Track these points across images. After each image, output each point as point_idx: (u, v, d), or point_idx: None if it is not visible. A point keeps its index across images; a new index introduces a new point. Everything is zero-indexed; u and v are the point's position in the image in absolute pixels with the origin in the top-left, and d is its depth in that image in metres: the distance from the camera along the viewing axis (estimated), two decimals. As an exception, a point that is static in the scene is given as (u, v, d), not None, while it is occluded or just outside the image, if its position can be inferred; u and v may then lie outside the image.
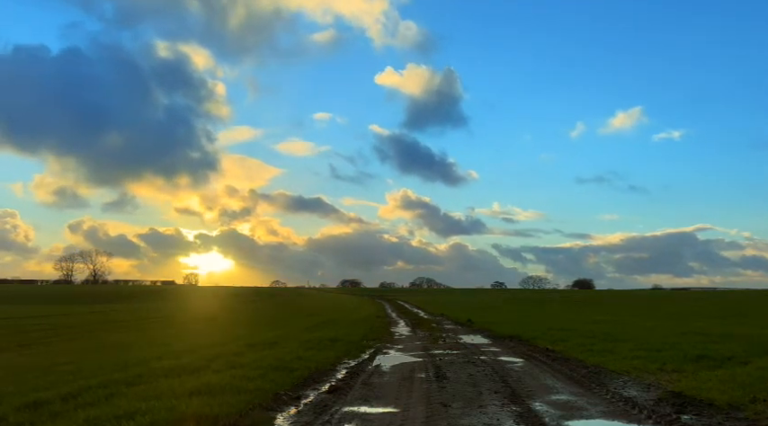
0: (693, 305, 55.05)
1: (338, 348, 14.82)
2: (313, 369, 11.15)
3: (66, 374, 11.02)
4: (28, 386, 9.57)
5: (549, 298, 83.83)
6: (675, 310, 43.28)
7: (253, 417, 7.14)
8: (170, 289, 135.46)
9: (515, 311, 41.58)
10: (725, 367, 10.86)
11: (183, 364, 11.22)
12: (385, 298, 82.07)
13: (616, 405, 7.98)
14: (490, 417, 7.31)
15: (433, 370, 11.44)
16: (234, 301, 77.43)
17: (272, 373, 10.14)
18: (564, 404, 8.10)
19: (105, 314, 44.29)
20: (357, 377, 10.71)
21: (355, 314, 36.66)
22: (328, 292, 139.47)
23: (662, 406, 7.81)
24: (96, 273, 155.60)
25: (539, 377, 10.66)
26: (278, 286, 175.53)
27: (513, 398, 8.50)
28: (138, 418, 6.62)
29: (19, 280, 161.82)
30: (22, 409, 7.44)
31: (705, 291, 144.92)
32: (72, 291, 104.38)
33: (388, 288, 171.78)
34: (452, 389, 9.32)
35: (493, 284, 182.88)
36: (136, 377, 9.82)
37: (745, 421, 6.97)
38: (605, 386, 9.40)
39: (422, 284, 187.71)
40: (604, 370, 11.15)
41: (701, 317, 31.34)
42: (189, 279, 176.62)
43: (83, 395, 8.26)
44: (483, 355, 14.09)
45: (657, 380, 9.83)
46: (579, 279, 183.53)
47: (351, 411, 7.77)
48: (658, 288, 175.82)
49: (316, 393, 9.10)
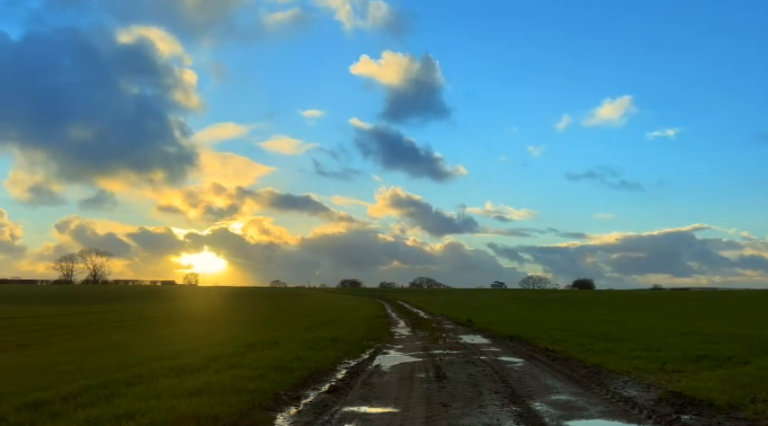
0: (693, 305, 55.07)
1: (338, 348, 14.82)
2: (313, 369, 11.15)
3: (66, 374, 11.01)
4: (28, 386, 9.56)
5: (548, 298, 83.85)
6: (675, 310, 43.29)
7: (253, 417, 7.14)
8: (170, 289, 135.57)
9: (515, 311, 41.57)
10: (725, 367, 10.85)
11: (183, 364, 11.21)
12: (385, 298, 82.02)
13: (616, 405, 7.98)
14: (490, 417, 7.31)
15: (433, 370, 11.43)
16: (233, 301, 77.44)
17: (272, 373, 10.13)
18: (564, 404, 8.10)
19: (105, 314, 44.29)
20: (357, 377, 10.70)
21: (355, 314, 36.66)
22: (328, 292, 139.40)
23: (662, 406, 7.81)
24: (96, 273, 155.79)
25: (539, 377, 10.65)
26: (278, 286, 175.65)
27: (513, 398, 8.50)
28: (138, 418, 6.61)
29: (18, 280, 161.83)
30: (22, 409, 7.44)
31: (705, 291, 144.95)
32: (72, 291, 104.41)
33: (388, 288, 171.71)
34: (452, 389, 9.32)
35: (493, 284, 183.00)
36: (136, 377, 9.82)
37: (745, 421, 6.97)
38: (605, 386, 9.39)
39: (422, 284, 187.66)
40: (604, 370, 11.15)
41: (701, 317, 31.36)
42: (189, 280, 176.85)
43: (83, 395, 8.26)
44: (483, 355, 14.09)
45: (657, 380, 9.83)
46: (579, 279, 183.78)
47: (351, 411, 7.77)
48: (658, 288, 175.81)
49: (316, 393, 9.10)
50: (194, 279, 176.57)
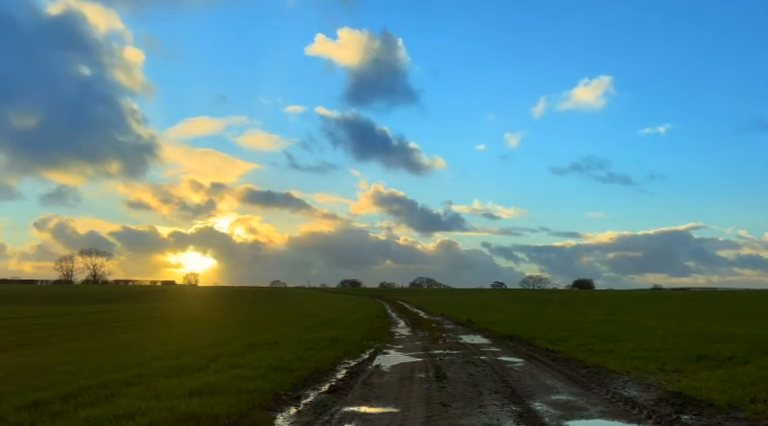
0: (693, 304, 55.06)
1: (338, 348, 14.82)
2: (313, 369, 11.15)
3: (67, 374, 11.01)
4: (28, 386, 9.56)
5: (548, 298, 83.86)
6: (675, 310, 43.29)
7: (253, 417, 7.14)
8: (169, 289, 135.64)
9: (515, 311, 41.56)
10: (725, 367, 10.86)
11: (183, 364, 11.22)
12: (385, 298, 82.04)
13: (616, 405, 7.98)
14: (490, 417, 7.31)
15: (433, 370, 11.43)
16: (233, 301, 77.44)
17: (272, 373, 10.13)
18: (564, 404, 8.10)
19: (105, 314, 44.29)
20: (357, 376, 10.70)
21: (355, 314, 36.65)
22: (328, 292, 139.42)
23: (662, 406, 7.81)
24: (96, 273, 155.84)
25: (539, 377, 10.65)
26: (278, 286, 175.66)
27: (513, 398, 8.50)
28: (138, 418, 6.61)
29: (18, 280, 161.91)
30: (22, 409, 7.43)
31: (705, 291, 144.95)
32: (72, 291, 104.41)
33: (388, 288, 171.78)
34: (452, 389, 9.32)
35: (493, 284, 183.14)
36: (136, 377, 9.81)
37: (745, 421, 6.97)
38: (605, 386, 9.39)
39: (422, 284, 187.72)
40: (604, 370, 11.15)
41: (700, 317, 31.34)
42: (188, 280, 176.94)
43: (83, 395, 8.25)
44: (483, 355, 14.09)
45: (657, 380, 9.83)
46: (578, 279, 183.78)
47: (351, 411, 7.77)
48: (658, 288, 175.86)
49: (316, 393, 9.10)
50: (194, 279, 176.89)
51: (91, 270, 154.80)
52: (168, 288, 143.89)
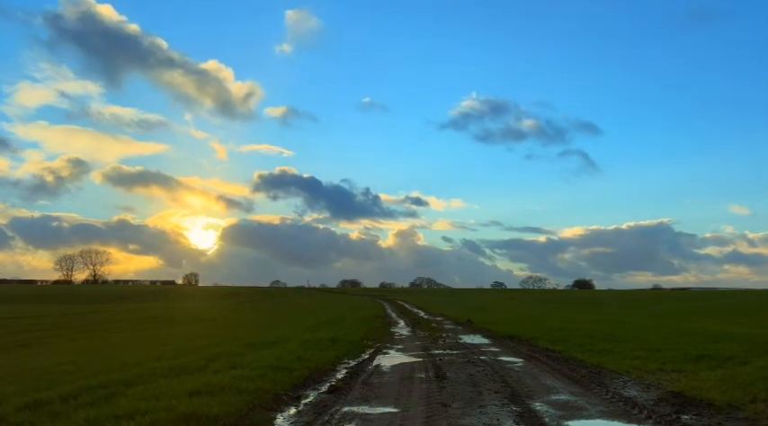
0: (692, 304, 55.07)
1: (338, 348, 14.82)
2: (313, 369, 11.15)
3: (67, 374, 11.00)
4: (28, 386, 9.56)
5: (548, 298, 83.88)
6: (675, 310, 43.31)
7: (253, 417, 7.14)
8: (169, 290, 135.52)
9: (515, 311, 41.58)
10: (725, 367, 10.86)
11: (183, 364, 11.21)
12: (385, 298, 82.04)
13: (616, 405, 7.98)
14: (490, 417, 7.31)
15: (433, 370, 11.43)
16: (233, 301, 77.46)
17: (272, 373, 10.13)
18: (564, 404, 8.10)
19: (105, 314, 44.30)
20: (357, 376, 10.70)
21: (355, 314, 36.64)
22: (328, 292, 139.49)
23: (662, 406, 7.82)
24: (96, 273, 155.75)
25: (539, 376, 10.65)
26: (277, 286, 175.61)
27: (513, 398, 8.50)
28: (138, 418, 6.61)
29: (18, 280, 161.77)
30: (22, 409, 7.43)
31: (704, 291, 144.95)
32: (72, 291, 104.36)
33: (388, 288, 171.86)
34: (452, 389, 9.32)
35: (493, 284, 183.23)
36: (135, 376, 9.81)
37: (745, 421, 6.97)
38: (605, 386, 9.40)
39: (421, 284, 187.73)
40: (604, 370, 11.15)
41: (700, 317, 31.36)
42: (189, 280, 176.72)
43: (83, 395, 8.25)
44: (483, 355, 14.09)
45: (657, 380, 9.83)
46: (578, 279, 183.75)
47: (351, 411, 7.77)
48: (658, 288, 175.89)
49: (316, 393, 9.10)
50: (194, 279, 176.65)
51: (91, 270, 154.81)
52: (167, 289, 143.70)
